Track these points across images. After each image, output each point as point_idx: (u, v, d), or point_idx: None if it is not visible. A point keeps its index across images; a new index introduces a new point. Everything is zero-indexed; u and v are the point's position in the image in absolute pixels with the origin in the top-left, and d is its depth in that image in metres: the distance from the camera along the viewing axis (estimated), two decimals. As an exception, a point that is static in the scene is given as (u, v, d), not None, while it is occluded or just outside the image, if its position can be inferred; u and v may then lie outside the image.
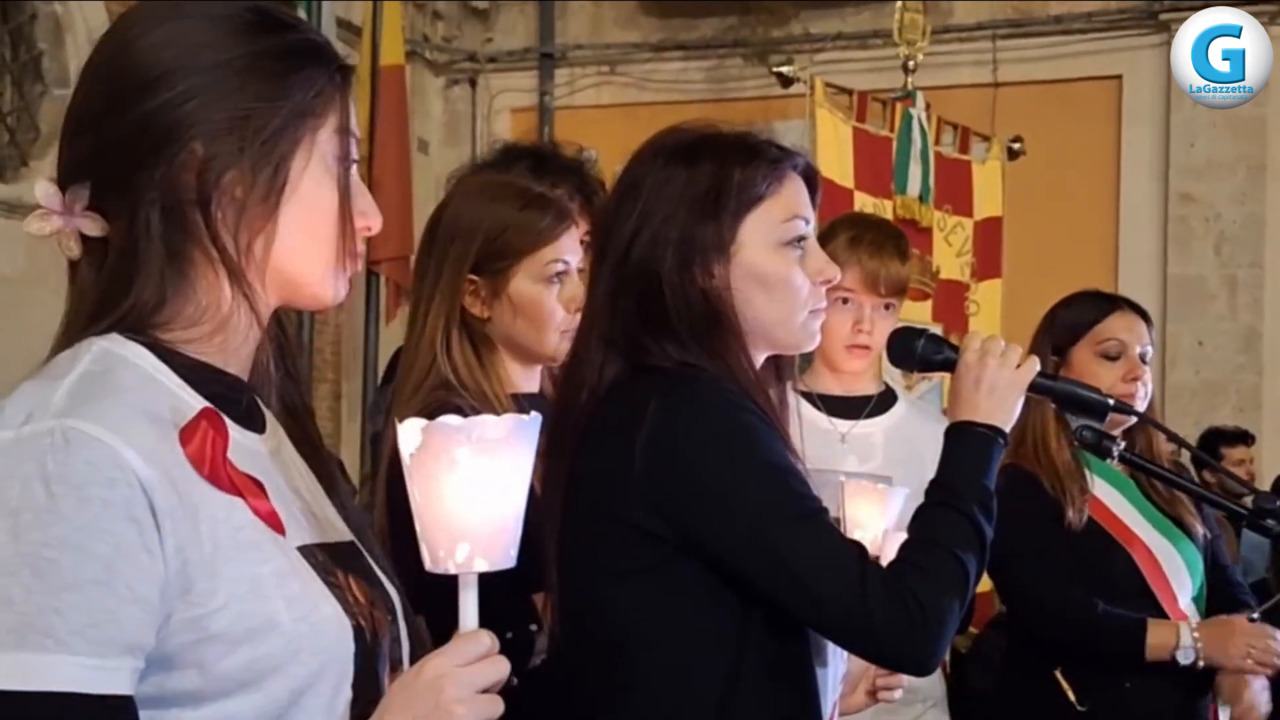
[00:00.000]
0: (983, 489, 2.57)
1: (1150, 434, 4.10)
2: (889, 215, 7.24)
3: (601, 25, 12.47)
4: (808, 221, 2.60)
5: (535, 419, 1.73)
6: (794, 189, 2.59)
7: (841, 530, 2.82)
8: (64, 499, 1.57)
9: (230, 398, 1.83)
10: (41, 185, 1.81)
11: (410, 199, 9.75)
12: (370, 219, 1.92)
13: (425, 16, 12.37)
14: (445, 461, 1.67)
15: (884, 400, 4.33)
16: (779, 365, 2.71)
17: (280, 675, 1.70)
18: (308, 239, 1.84)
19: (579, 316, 3.06)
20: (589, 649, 2.55)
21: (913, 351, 2.80)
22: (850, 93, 7.46)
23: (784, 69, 7.34)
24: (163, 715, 1.65)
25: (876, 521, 3.12)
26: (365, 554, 1.96)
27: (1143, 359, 4.16)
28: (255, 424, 1.89)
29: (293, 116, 1.81)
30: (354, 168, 1.89)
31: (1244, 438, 9.33)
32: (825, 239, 4.31)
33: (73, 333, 1.81)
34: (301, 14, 9.53)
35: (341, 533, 1.94)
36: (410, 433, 1.69)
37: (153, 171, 1.75)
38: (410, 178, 10.12)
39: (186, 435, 1.69)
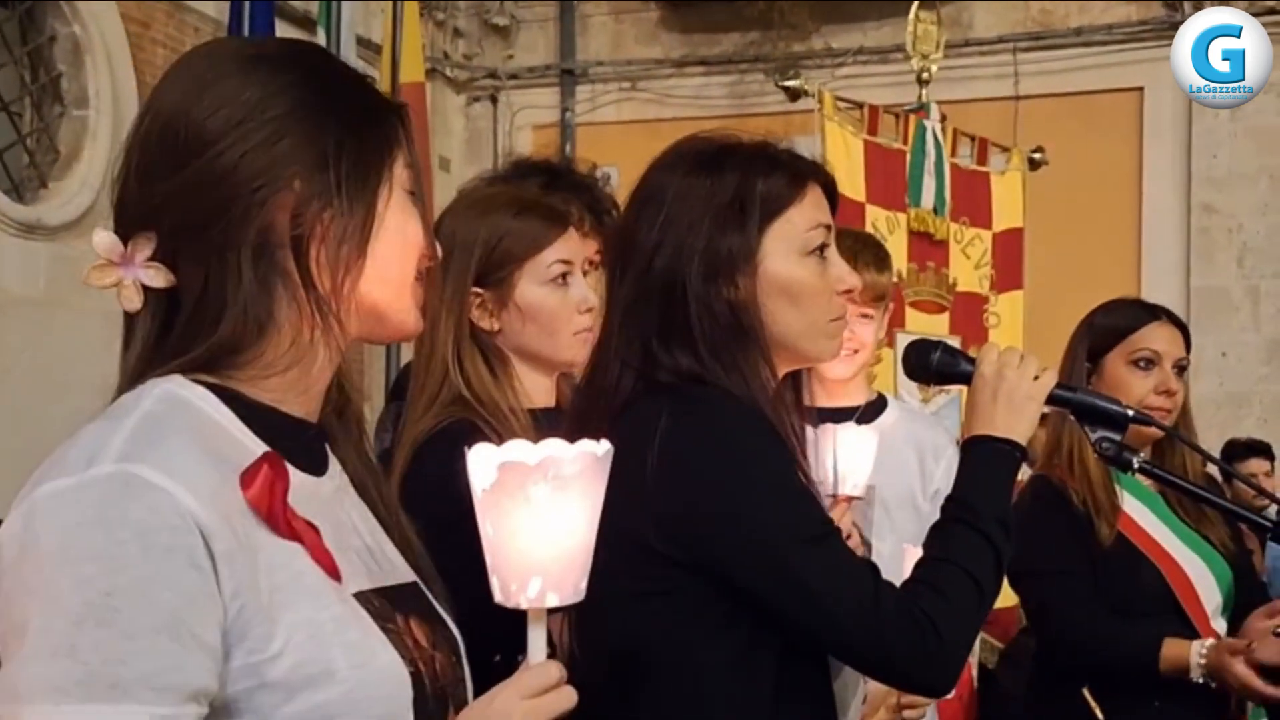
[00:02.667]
0: (1000, 505, 2.53)
1: (1183, 448, 4.06)
2: (903, 228, 7.23)
3: (622, 41, 12.49)
4: (829, 230, 2.58)
5: (608, 452, 1.73)
6: (815, 198, 2.58)
7: (832, 477, 2.82)
8: (126, 545, 1.56)
9: (293, 440, 1.82)
10: (101, 235, 1.78)
11: (431, 216, 9.59)
12: (435, 249, 1.94)
13: (446, 34, 12.39)
14: (520, 499, 1.68)
15: (872, 409, 4.30)
16: (796, 382, 2.69)
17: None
18: (394, 270, 1.85)
19: (590, 318, 3.05)
20: (604, 669, 2.53)
21: (929, 364, 2.77)
22: (861, 106, 7.44)
23: (790, 83, 7.31)
24: None
25: (867, 463, 3.11)
26: (427, 594, 1.96)
27: (1178, 372, 4.12)
28: (317, 465, 1.89)
29: (378, 150, 1.83)
30: None
31: (1261, 450, 9.29)
32: None
33: (136, 375, 1.81)
34: (321, 33, 9.64)
35: (403, 573, 1.94)
36: (483, 468, 1.69)
37: (247, 212, 1.73)
38: (432, 195, 10.08)
39: (247, 480, 1.68)
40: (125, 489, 1.58)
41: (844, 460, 3.27)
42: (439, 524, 2.09)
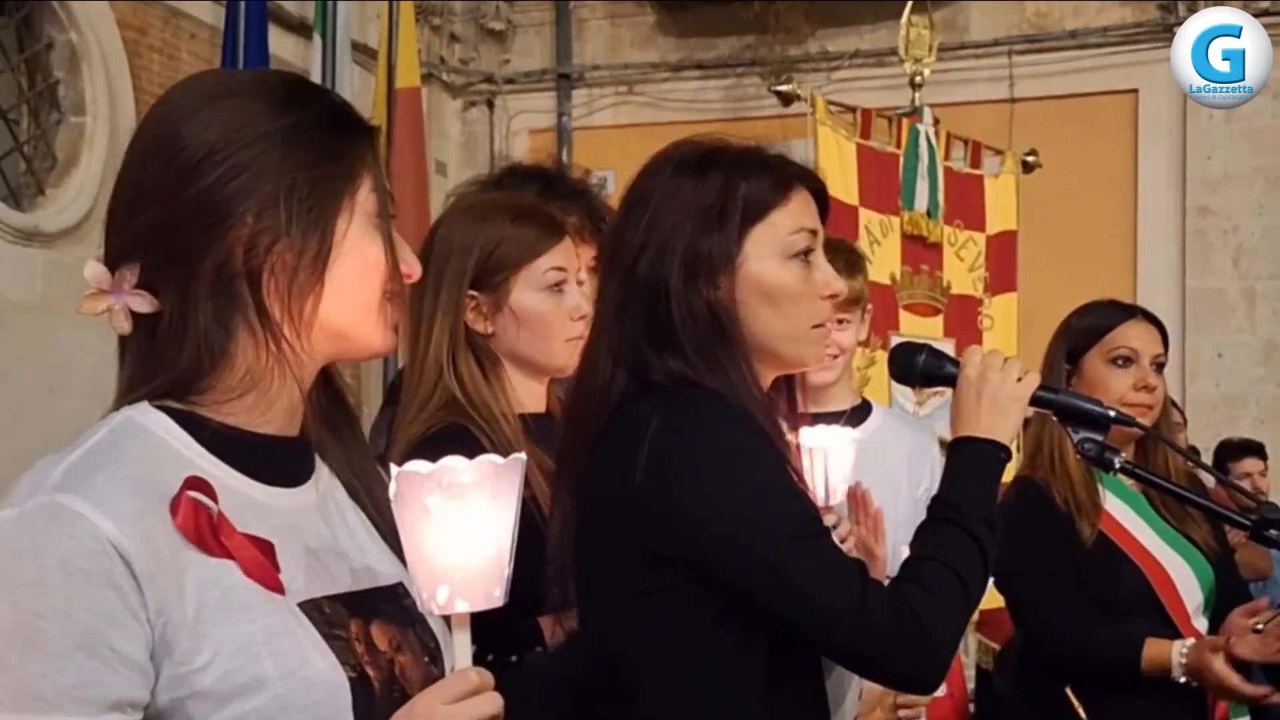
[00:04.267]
0: (985, 504, 2.57)
1: (1165, 447, 4.08)
2: (896, 232, 7.25)
3: (619, 45, 12.48)
4: (815, 234, 2.60)
5: (514, 462, 1.76)
6: (801, 203, 2.59)
7: (809, 475, 2.84)
8: (49, 571, 1.69)
9: (257, 456, 1.93)
10: (90, 266, 1.92)
11: (428, 221, 9.66)
12: (411, 266, 2.01)
13: (441, 38, 12.38)
14: (418, 508, 1.73)
15: (857, 414, 4.31)
16: (789, 388, 2.71)
17: None
18: (354, 293, 1.93)
19: (582, 325, 3.07)
20: (600, 667, 2.55)
21: (914, 367, 2.80)
22: (854, 110, 7.45)
23: (783, 87, 7.32)
24: None
25: (846, 461, 3.13)
26: (409, 595, 2.02)
27: (1157, 369, 4.14)
28: (291, 478, 1.99)
29: (333, 181, 1.91)
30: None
31: (1255, 450, 9.28)
32: None
33: (122, 394, 1.95)
34: (317, 39, 9.64)
35: (381, 577, 2.02)
36: (394, 479, 1.74)
37: (203, 248, 1.85)
38: (428, 200, 10.15)
39: (174, 506, 1.77)
40: (52, 519, 1.71)
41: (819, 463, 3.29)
42: None
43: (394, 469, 1.73)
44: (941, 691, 5.08)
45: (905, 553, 2.59)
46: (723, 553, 2.39)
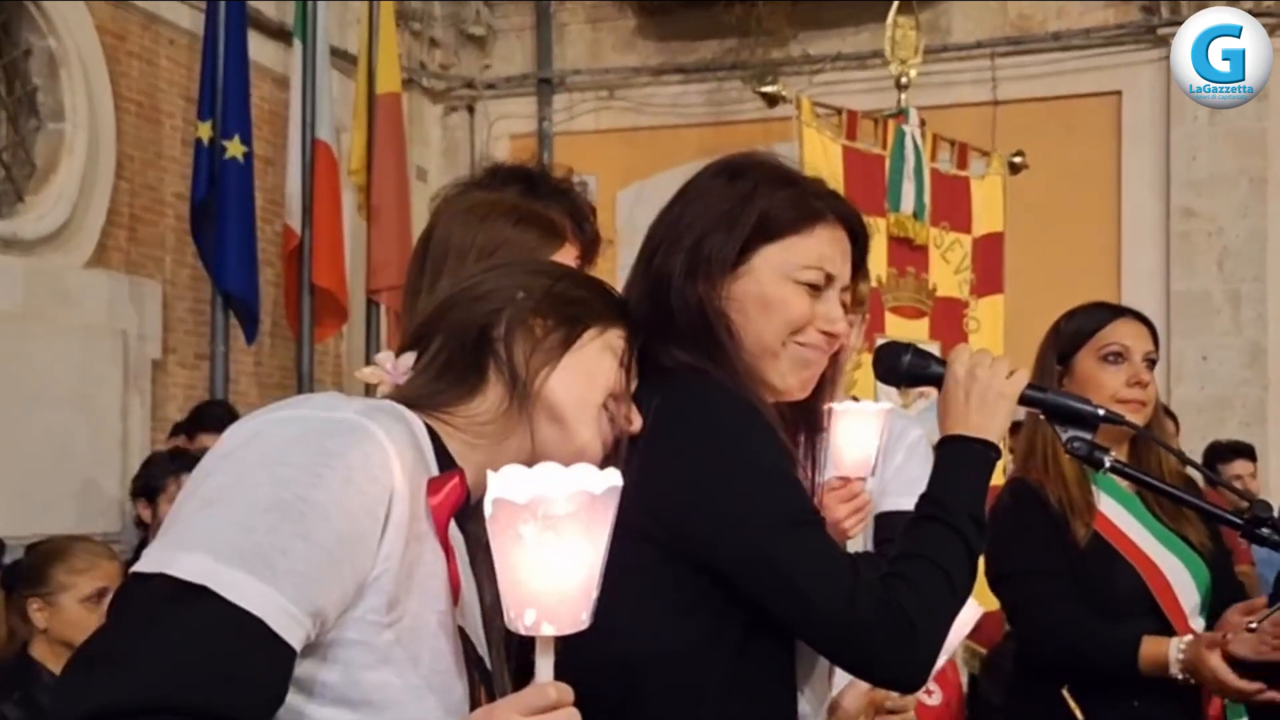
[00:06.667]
0: (973, 502, 2.55)
1: (1158, 448, 4.07)
2: (882, 234, 7.24)
3: (600, 50, 12.48)
4: (832, 276, 2.58)
5: (610, 491, 1.78)
6: (828, 239, 2.58)
7: (833, 456, 2.83)
8: (334, 471, 1.83)
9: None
10: (384, 355, 2.29)
11: (409, 227, 9.77)
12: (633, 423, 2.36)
13: (422, 44, 12.38)
14: (511, 535, 1.75)
15: None
16: (806, 415, 2.70)
17: (403, 710, 1.90)
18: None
19: None
20: (585, 649, 2.52)
21: (899, 367, 2.77)
22: (840, 111, 7.44)
23: (768, 89, 7.32)
24: (299, 701, 1.86)
25: (870, 441, 3.10)
26: (494, 674, 2.14)
27: (1149, 366, 4.13)
28: (463, 527, 2.12)
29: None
30: None
31: (1244, 451, 9.28)
32: None
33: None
34: (297, 44, 9.63)
35: (483, 652, 2.13)
36: (488, 498, 1.77)
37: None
38: (409, 205, 10.14)
39: (435, 485, 1.98)
40: (353, 433, 1.88)
41: (849, 438, 3.26)
42: None
43: (490, 494, 1.76)
44: (937, 699, 5.07)
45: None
46: (714, 533, 2.39)
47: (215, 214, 9.06)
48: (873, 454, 3.25)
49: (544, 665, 1.81)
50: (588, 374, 2.21)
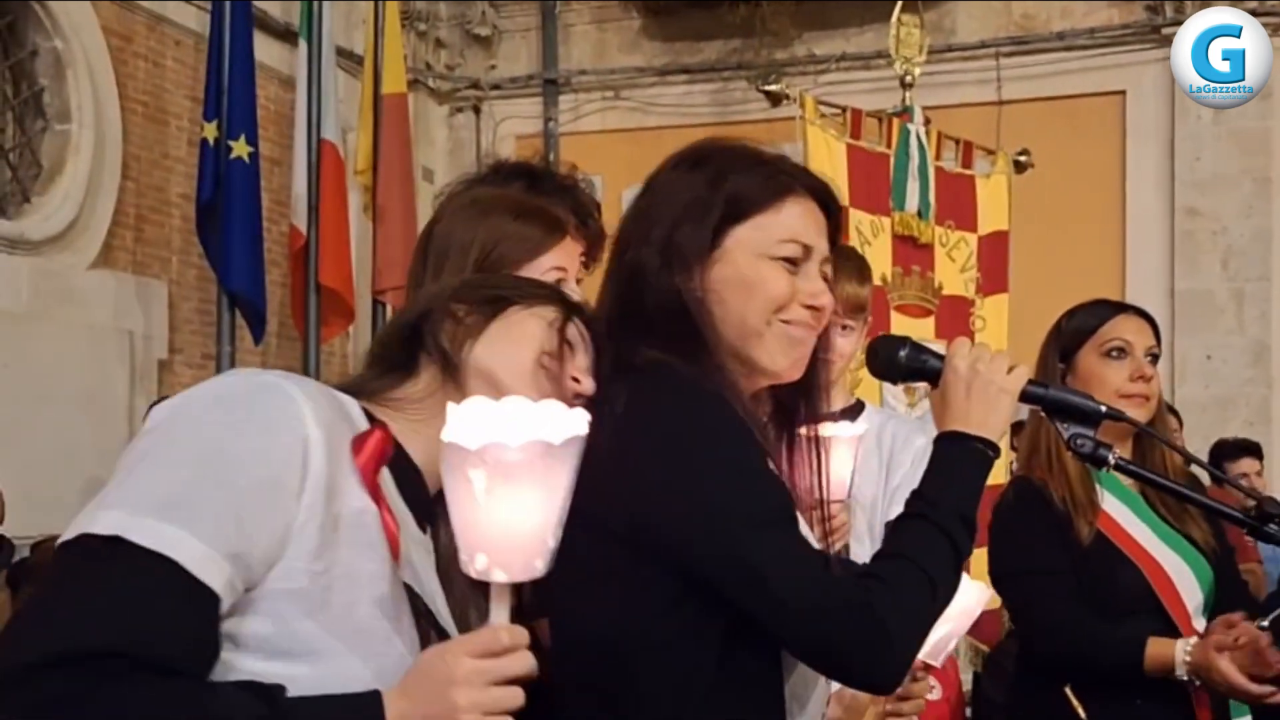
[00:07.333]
0: (964, 503, 2.48)
1: (1162, 446, 4.06)
2: (887, 232, 7.23)
3: (605, 50, 12.48)
4: (808, 248, 2.53)
5: (571, 441, 1.77)
6: (799, 211, 2.53)
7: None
8: (251, 424, 1.87)
9: (421, 489, 2.14)
10: None
11: (415, 227, 9.73)
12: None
13: (427, 44, 12.38)
14: (460, 478, 1.75)
15: (849, 413, 4.29)
16: (793, 402, 2.65)
17: (341, 659, 1.90)
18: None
19: None
20: (567, 651, 2.51)
21: (895, 361, 2.69)
22: (844, 110, 7.43)
23: (771, 87, 7.31)
24: (233, 656, 1.86)
25: (844, 463, 3.09)
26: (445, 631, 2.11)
27: (1151, 361, 4.13)
28: (423, 519, 2.14)
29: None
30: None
31: (1250, 449, 9.25)
32: None
33: None
34: (303, 45, 9.63)
35: (438, 608, 2.12)
36: (443, 443, 1.77)
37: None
38: (415, 206, 10.13)
39: (358, 442, 2.00)
40: (264, 389, 1.92)
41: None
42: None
43: (445, 432, 1.77)
44: (937, 695, 5.07)
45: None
46: (683, 532, 2.33)
47: (221, 214, 9.08)
48: (847, 477, 3.26)
49: (499, 610, 1.80)
50: (513, 339, 2.24)
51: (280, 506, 1.85)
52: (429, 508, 2.15)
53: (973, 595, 2.93)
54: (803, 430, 2.65)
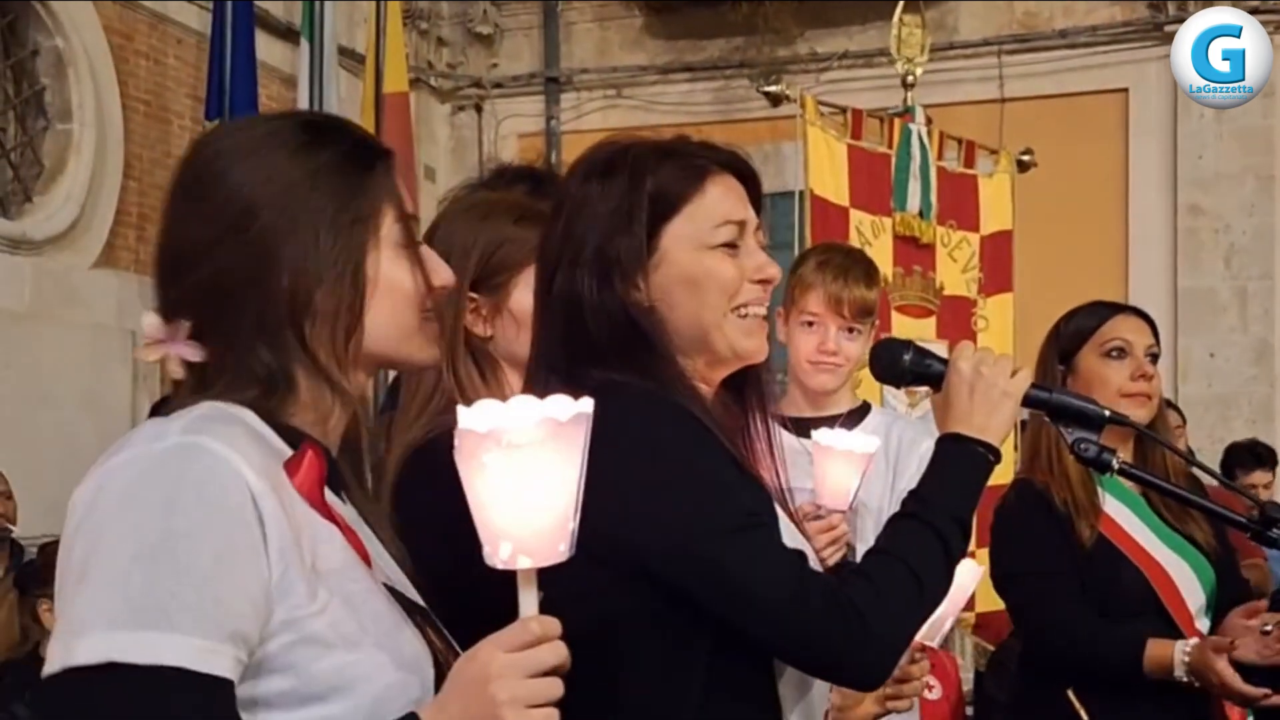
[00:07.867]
0: (960, 505, 2.47)
1: (1164, 448, 4.06)
2: (888, 233, 7.22)
3: (607, 48, 12.49)
4: (741, 224, 2.50)
5: (578, 418, 1.77)
6: (721, 190, 2.50)
7: (814, 483, 2.78)
8: (185, 496, 1.76)
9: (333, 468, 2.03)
10: (147, 317, 2.01)
11: (420, 228, 9.74)
12: (443, 278, 2.13)
13: (429, 43, 12.38)
14: (476, 465, 1.74)
15: (855, 415, 4.31)
16: (743, 388, 2.63)
17: (368, 684, 1.85)
18: (392, 324, 2.04)
19: None
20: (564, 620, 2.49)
21: (899, 365, 2.68)
22: (844, 110, 7.43)
23: (771, 89, 7.31)
24: (259, 718, 1.81)
25: (850, 477, 3.08)
26: (435, 620, 2.10)
27: (1151, 361, 4.12)
28: (337, 487, 2.05)
29: (357, 223, 2.00)
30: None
31: (1265, 460, 9.13)
32: (796, 266, 4.40)
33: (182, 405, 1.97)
34: (304, 43, 9.63)
35: (416, 597, 2.08)
36: (457, 434, 1.76)
37: (248, 303, 1.95)
38: (418, 206, 10.08)
39: (292, 466, 1.89)
40: (186, 453, 1.78)
41: (828, 473, 3.28)
42: (434, 532, 2.13)
43: (458, 426, 1.75)
44: (937, 694, 5.07)
45: None
46: (654, 548, 2.31)
47: (223, 214, 9.07)
48: (851, 490, 3.26)
49: (527, 600, 1.79)
50: (395, 307, 2.06)
51: (251, 569, 1.77)
52: (338, 477, 2.08)
53: (966, 573, 2.93)
54: (757, 418, 2.62)
